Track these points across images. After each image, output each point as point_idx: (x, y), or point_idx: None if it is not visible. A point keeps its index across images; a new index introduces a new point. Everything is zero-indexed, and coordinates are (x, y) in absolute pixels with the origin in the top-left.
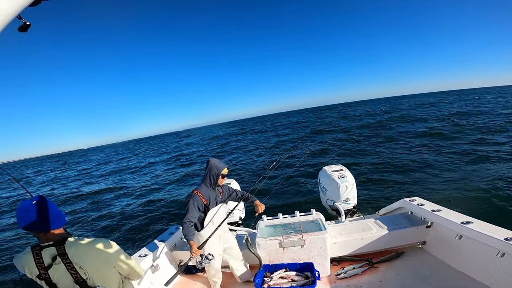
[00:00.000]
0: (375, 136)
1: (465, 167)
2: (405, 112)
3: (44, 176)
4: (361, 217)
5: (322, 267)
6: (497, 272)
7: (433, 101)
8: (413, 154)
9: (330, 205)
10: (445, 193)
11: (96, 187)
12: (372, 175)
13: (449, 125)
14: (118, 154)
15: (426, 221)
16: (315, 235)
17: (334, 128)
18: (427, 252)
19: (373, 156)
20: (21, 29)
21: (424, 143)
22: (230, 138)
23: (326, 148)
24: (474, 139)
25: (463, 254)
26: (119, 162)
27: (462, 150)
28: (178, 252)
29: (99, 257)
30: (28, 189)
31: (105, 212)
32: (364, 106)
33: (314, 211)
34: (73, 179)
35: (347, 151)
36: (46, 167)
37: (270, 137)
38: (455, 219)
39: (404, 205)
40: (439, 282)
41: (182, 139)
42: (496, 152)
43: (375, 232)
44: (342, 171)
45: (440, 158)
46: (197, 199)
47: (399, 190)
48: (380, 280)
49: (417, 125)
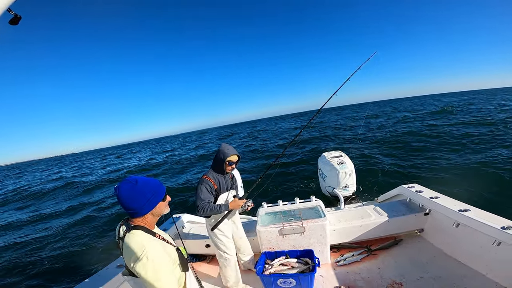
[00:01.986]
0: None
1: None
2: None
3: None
4: (360, 203)
5: (322, 254)
6: (493, 261)
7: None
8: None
9: (329, 191)
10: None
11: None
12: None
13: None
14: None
15: (424, 208)
16: (314, 222)
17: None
18: (425, 240)
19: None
20: (12, 22)
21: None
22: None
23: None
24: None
25: (460, 242)
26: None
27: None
28: (180, 241)
29: (129, 264)
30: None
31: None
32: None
33: (314, 198)
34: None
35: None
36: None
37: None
38: (452, 206)
39: (403, 192)
40: (436, 270)
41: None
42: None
43: (374, 219)
44: (341, 157)
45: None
46: (208, 183)
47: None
48: (379, 267)
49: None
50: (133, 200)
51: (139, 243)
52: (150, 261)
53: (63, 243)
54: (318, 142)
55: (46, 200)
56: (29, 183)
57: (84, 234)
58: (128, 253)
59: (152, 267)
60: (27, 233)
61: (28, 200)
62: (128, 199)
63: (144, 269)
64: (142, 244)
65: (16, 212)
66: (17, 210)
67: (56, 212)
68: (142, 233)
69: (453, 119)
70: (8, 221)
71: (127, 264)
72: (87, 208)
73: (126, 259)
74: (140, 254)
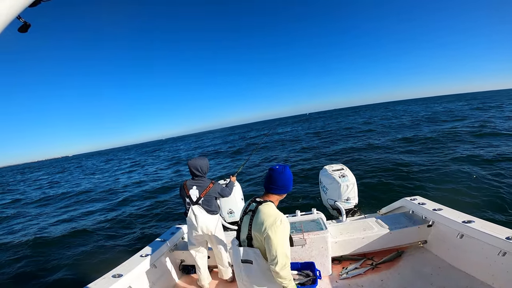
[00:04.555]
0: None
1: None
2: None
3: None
4: (362, 216)
5: (323, 267)
6: (499, 271)
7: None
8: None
9: (331, 204)
10: (447, 192)
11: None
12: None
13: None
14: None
15: (427, 220)
16: (316, 234)
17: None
18: (428, 251)
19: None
20: (22, 29)
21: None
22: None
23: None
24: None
25: (464, 253)
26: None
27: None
28: (180, 252)
29: (260, 228)
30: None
31: (105, 212)
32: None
33: (315, 210)
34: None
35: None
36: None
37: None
38: (456, 218)
39: (405, 204)
40: (441, 281)
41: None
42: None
43: (376, 231)
44: (343, 170)
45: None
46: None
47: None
48: (382, 279)
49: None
50: (287, 180)
51: (275, 211)
52: (282, 226)
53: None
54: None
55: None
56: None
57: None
58: (263, 218)
59: (282, 231)
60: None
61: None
62: (285, 179)
63: (276, 231)
64: (277, 212)
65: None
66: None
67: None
68: (274, 206)
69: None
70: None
71: (257, 230)
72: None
73: (258, 225)
74: (275, 219)
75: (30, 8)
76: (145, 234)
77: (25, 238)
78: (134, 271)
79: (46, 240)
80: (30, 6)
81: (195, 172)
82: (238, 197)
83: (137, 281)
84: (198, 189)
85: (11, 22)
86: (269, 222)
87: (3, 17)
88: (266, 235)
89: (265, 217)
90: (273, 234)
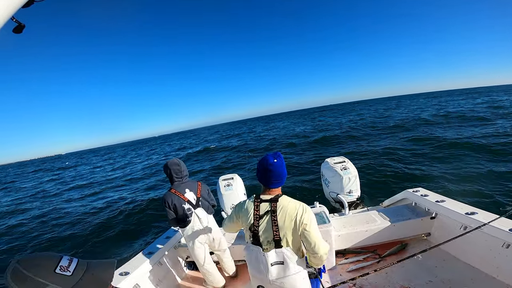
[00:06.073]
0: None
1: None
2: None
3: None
4: (365, 209)
5: (327, 260)
6: (503, 263)
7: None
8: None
9: (333, 197)
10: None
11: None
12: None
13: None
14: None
15: (430, 212)
16: (319, 228)
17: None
18: (432, 244)
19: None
20: (16, 30)
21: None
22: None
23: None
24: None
25: (468, 245)
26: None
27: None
28: (184, 248)
29: (292, 223)
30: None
31: (108, 210)
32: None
33: (318, 204)
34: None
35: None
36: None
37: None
38: (459, 209)
39: (408, 196)
40: (445, 273)
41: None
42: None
43: (379, 224)
44: (344, 163)
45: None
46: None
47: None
48: (386, 272)
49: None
50: (284, 168)
51: (292, 200)
52: (310, 210)
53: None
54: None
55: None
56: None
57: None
58: (290, 213)
59: (313, 215)
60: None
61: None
62: (284, 168)
63: (310, 218)
64: (294, 200)
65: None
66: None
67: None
68: (286, 196)
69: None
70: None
71: (287, 227)
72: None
73: (288, 221)
74: (301, 206)
75: (24, 9)
76: (149, 232)
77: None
78: (140, 269)
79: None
80: (23, 6)
81: (183, 172)
82: (240, 192)
83: (144, 278)
84: (192, 191)
85: (5, 23)
86: (299, 213)
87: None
88: (303, 226)
89: (291, 211)
90: (309, 222)
